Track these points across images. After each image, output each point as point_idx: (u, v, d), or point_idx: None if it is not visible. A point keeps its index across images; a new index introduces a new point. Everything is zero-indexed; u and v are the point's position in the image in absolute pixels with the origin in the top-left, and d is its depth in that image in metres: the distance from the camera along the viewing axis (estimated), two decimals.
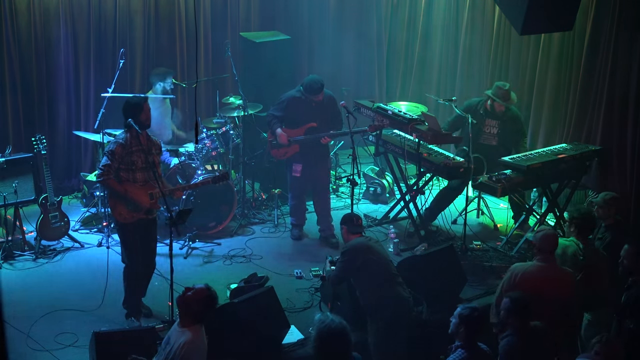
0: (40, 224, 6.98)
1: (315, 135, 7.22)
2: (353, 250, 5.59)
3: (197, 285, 4.62)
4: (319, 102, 7.20)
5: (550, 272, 5.24)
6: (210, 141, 7.62)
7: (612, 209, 6.18)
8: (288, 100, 7.30)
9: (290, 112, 7.27)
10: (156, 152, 5.90)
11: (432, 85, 9.80)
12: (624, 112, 7.23)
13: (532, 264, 5.32)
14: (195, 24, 7.77)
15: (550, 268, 5.25)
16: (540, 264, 5.25)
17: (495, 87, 7.58)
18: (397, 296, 5.52)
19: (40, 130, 7.88)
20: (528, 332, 4.77)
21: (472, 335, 4.54)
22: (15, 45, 7.84)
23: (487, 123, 7.60)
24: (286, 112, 7.29)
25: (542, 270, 5.22)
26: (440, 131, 7.20)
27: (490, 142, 7.61)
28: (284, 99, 7.34)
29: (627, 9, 7.12)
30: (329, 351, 4.18)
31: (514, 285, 5.20)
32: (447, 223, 7.63)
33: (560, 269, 5.35)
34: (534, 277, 5.18)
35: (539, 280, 5.15)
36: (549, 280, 5.18)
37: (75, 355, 5.50)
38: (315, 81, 7.18)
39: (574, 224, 5.80)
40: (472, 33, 9.22)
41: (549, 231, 5.48)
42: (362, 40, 9.97)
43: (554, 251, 5.33)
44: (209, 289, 4.59)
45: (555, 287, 5.17)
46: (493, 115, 7.59)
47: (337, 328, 4.17)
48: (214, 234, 7.49)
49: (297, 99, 7.25)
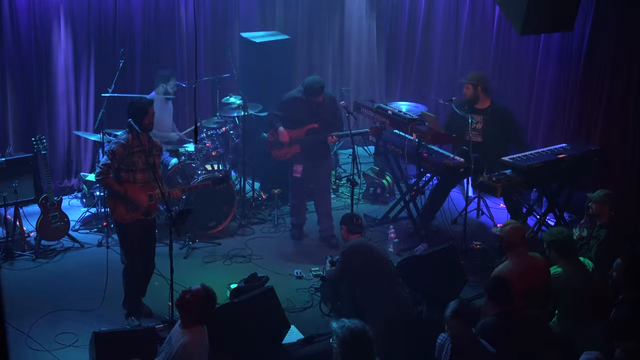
0: (40, 224, 6.98)
1: (317, 135, 7.21)
2: (353, 250, 5.59)
3: (194, 286, 4.62)
4: (319, 103, 7.20)
5: (528, 264, 5.27)
6: (210, 141, 7.62)
7: (607, 205, 6.19)
8: (289, 100, 7.30)
9: (291, 111, 7.27)
10: (157, 153, 5.90)
11: (432, 85, 9.80)
12: (623, 112, 7.23)
13: (507, 262, 5.34)
14: (195, 24, 7.77)
15: (524, 260, 5.28)
16: (514, 260, 5.28)
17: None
18: (397, 296, 5.52)
19: (40, 130, 7.88)
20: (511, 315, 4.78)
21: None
22: (15, 45, 7.84)
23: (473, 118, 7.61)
24: (287, 111, 7.29)
25: (519, 264, 5.25)
26: (440, 131, 7.20)
27: (476, 138, 7.62)
28: (285, 98, 7.34)
29: (626, 9, 7.12)
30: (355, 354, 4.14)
31: None
32: (447, 223, 7.63)
33: (532, 257, 5.38)
34: (515, 274, 5.18)
35: (521, 275, 5.16)
36: (529, 272, 5.22)
37: (75, 355, 5.50)
38: (315, 82, 7.17)
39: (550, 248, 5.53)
40: (472, 33, 9.22)
41: (513, 224, 5.49)
42: (362, 40, 9.97)
43: (523, 242, 5.33)
44: (206, 289, 4.60)
45: (537, 276, 5.23)
46: (476, 111, 7.63)
47: (359, 330, 4.15)
48: (214, 234, 7.49)
49: (298, 99, 7.25)
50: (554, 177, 7.32)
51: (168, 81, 7.84)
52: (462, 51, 9.36)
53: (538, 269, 5.34)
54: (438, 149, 7.57)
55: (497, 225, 6.49)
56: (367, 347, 4.17)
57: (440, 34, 9.67)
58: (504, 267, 5.34)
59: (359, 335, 4.14)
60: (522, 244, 5.37)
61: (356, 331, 4.14)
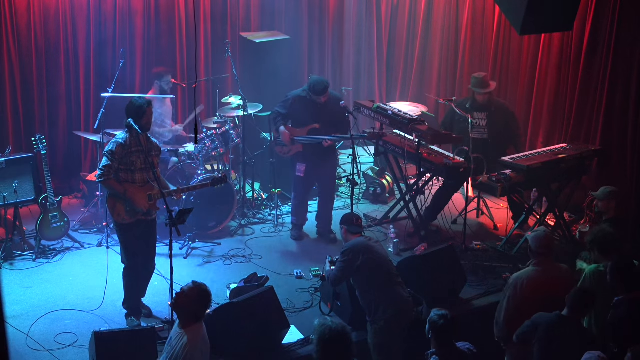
0: (40, 224, 6.99)
1: (315, 137, 7.20)
2: (353, 250, 5.58)
3: (186, 285, 4.61)
4: (323, 103, 7.17)
5: (552, 272, 5.23)
6: (210, 141, 7.62)
7: (612, 202, 6.20)
8: (293, 99, 7.29)
9: (295, 110, 7.26)
10: (155, 153, 5.90)
11: (432, 85, 9.81)
12: (623, 112, 7.23)
13: (531, 269, 5.29)
14: (195, 25, 7.76)
15: (549, 269, 5.25)
16: (538, 268, 5.24)
17: (472, 79, 7.74)
18: (397, 296, 5.51)
19: (40, 130, 7.88)
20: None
21: (442, 340, 4.53)
22: (15, 45, 7.84)
23: (475, 116, 7.63)
24: (291, 110, 7.28)
25: (543, 272, 5.21)
26: (440, 131, 7.20)
27: (482, 135, 7.64)
28: (290, 97, 7.34)
29: (626, 9, 7.12)
30: (332, 354, 4.18)
31: (522, 294, 5.20)
32: (447, 223, 7.63)
33: (559, 266, 5.35)
34: (538, 281, 5.16)
35: (544, 283, 5.14)
36: (552, 281, 5.18)
37: (75, 355, 5.51)
38: (320, 82, 7.16)
39: (594, 247, 5.44)
40: (472, 33, 9.22)
41: (538, 232, 5.44)
42: (362, 40, 9.97)
43: (549, 251, 5.31)
44: (199, 286, 4.59)
45: (559, 285, 5.18)
46: (479, 108, 7.65)
47: (338, 330, 4.18)
48: (214, 234, 7.49)
49: (302, 98, 7.24)
50: (554, 177, 7.32)
51: (161, 78, 7.82)
52: (462, 51, 9.36)
53: (562, 278, 5.28)
54: (438, 149, 7.57)
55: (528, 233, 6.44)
56: (344, 348, 4.19)
57: (440, 34, 9.67)
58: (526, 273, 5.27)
59: (338, 336, 4.16)
60: (546, 252, 5.30)
61: (335, 331, 4.17)
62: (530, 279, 5.21)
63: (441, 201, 7.68)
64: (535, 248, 5.28)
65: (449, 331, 4.53)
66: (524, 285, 5.21)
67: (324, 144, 7.19)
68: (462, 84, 9.35)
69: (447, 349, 4.53)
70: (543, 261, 5.26)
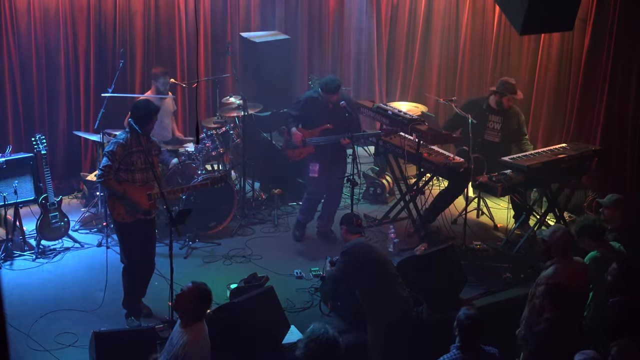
0: (40, 224, 6.99)
1: (330, 137, 7.17)
2: (353, 250, 5.58)
3: (185, 286, 4.61)
4: (335, 104, 7.15)
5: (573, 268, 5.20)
6: (210, 141, 7.62)
7: (619, 210, 6.14)
8: (305, 100, 7.29)
9: (307, 112, 7.25)
10: (155, 152, 5.90)
11: (432, 85, 9.81)
12: (624, 112, 7.24)
13: (554, 267, 5.18)
14: (196, 24, 7.76)
15: (570, 264, 5.19)
16: (560, 265, 5.16)
17: (503, 83, 7.48)
18: (397, 296, 5.52)
19: (40, 130, 7.87)
20: None
21: (466, 339, 4.52)
22: (15, 45, 7.84)
23: (491, 119, 7.56)
24: (303, 111, 7.27)
25: (565, 269, 5.14)
26: (440, 131, 7.19)
27: (493, 138, 7.58)
28: (302, 98, 7.35)
29: (626, 9, 7.12)
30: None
31: None
32: (447, 223, 7.63)
33: (576, 261, 5.30)
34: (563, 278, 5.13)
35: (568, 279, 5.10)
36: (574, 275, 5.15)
37: (75, 355, 5.50)
38: (332, 80, 7.17)
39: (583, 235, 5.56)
40: (472, 33, 9.22)
41: (559, 229, 5.33)
42: (362, 40, 9.97)
43: (569, 248, 5.27)
44: (198, 286, 4.59)
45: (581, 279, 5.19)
46: (496, 111, 7.56)
47: (329, 342, 4.11)
48: (214, 234, 7.49)
49: (314, 99, 7.23)
50: (554, 177, 7.32)
51: (157, 79, 7.80)
52: (462, 51, 9.36)
53: (582, 272, 5.27)
54: (438, 149, 7.56)
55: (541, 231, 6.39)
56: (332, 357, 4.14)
57: (440, 34, 9.67)
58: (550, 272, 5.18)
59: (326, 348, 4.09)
60: (569, 250, 5.26)
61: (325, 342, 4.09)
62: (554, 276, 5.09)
63: (442, 203, 7.67)
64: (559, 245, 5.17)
65: (474, 332, 4.51)
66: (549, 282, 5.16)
67: (342, 142, 7.15)
68: (462, 84, 9.35)
69: (472, 352, 4.50)
70: (565, 257, 5.18)
